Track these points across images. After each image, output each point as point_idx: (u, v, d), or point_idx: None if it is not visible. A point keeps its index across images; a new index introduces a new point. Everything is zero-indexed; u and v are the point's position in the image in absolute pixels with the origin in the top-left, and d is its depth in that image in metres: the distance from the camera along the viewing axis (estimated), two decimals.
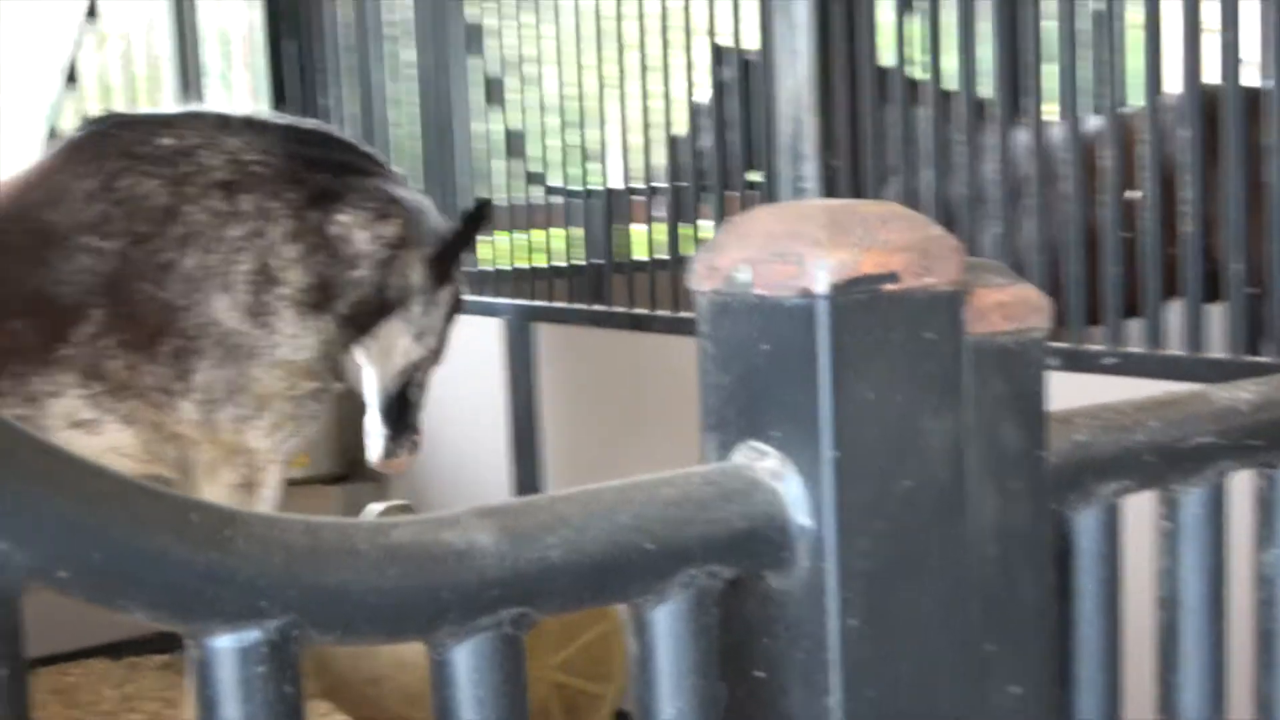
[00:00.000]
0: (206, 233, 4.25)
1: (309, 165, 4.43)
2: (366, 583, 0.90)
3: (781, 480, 1.09)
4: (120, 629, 5.99)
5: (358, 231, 4.42)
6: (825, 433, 1.07)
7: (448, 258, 4.61)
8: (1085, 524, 1.27)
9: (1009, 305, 1.18)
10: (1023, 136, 4.75)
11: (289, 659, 0.89)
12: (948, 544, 1.13)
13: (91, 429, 4.29)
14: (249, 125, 4.45)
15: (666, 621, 1.05)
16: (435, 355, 4.71)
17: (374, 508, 5.01)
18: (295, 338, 4.29)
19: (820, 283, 1.07)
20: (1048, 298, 1.21)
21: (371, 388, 4.76)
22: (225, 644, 0.87)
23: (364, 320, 4.52)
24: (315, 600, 0.89)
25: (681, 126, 5.43)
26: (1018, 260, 4.32)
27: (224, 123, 4.44)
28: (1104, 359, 3.92)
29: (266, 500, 4.38)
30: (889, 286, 1.10)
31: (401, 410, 4.77)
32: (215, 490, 4.33)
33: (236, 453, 4.30)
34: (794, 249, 1.09)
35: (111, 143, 4.37)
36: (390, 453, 4.79)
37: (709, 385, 1.15)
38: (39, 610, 1.01)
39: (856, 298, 1.08)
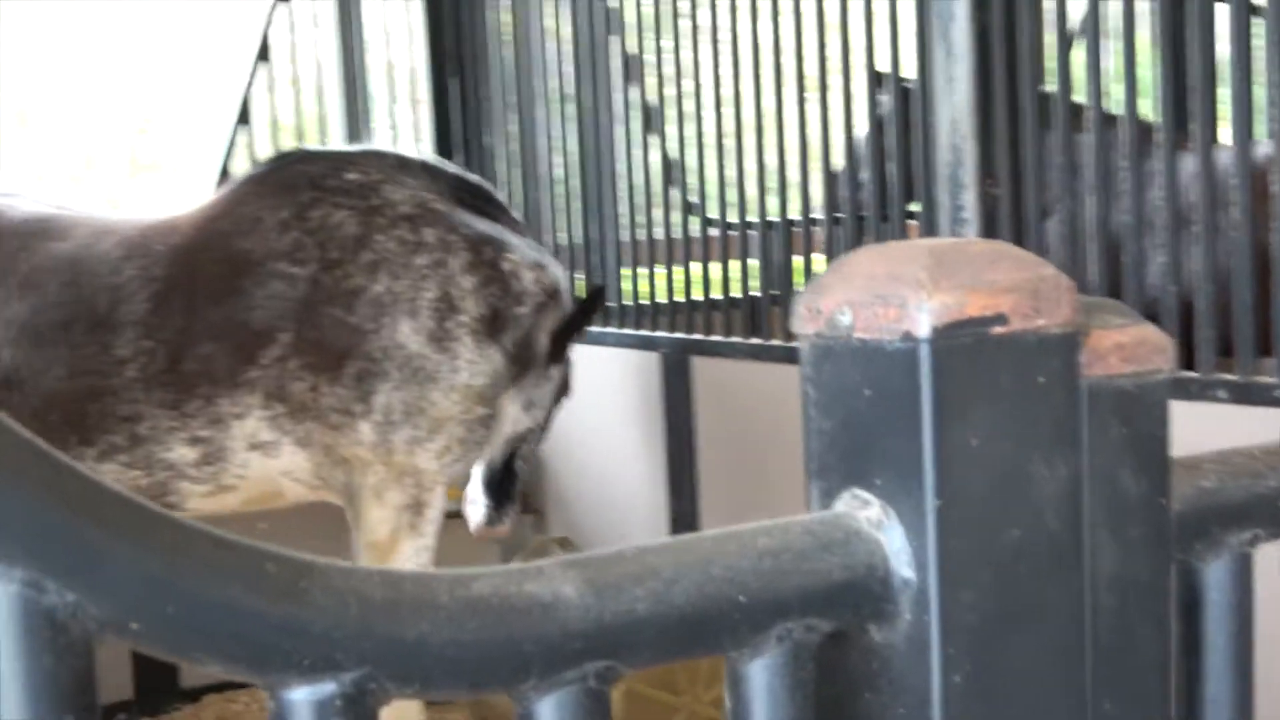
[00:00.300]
0: (395, 260, 4.38)
1: (478, 210, 4.58)
2: (445, 635, 0.89)
3: (883, 530, 1.06)
4: None
5: (525, 271, 4.53)
6: (928, 481, 1.04)
7: (566, 336, 4.71)
8: (1214, 575, 1.22)
9: (1128, 346, 1.14)
10: (1190, 162, 4.62)
11: (365, 712, 0.88)
12: (1060, 596, 1.08)
13: (270, 451, 4.41)
14: (425, 169, 4.61)
15: (762, 675, 1.02)
16: (540, 432, 4.83)
17: (532, 542, 5.07)
18: (473, 363, 4.41)
19: (922, 326, 1.04)
20: (1171, 338, 1.17)
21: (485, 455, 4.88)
22: (300, 696, 0.87)
23: (522, 361, 4.61)
24: (392, 653, 0.88)
25: (840, 157, 5.39)
26: (1185, 289, 4.20)
27: (403, 164, 4.61)
28: (1276, 391, 3.79)
29: (432, 520, 4.47)
30: (997, 329, 1.06)
31: (505, 481, 4.91)
32: (383, 512, 4.42)
33: (406, 474, 4.40)
34: (896, 291, 1.06)
35: (300, 176, 4.54)
36: (492, 521, 4.93)
37: (812, 430, 1.12)
38: None
39: (961, 341, 1.05)
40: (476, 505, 4.96)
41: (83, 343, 4.39)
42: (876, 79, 5.39)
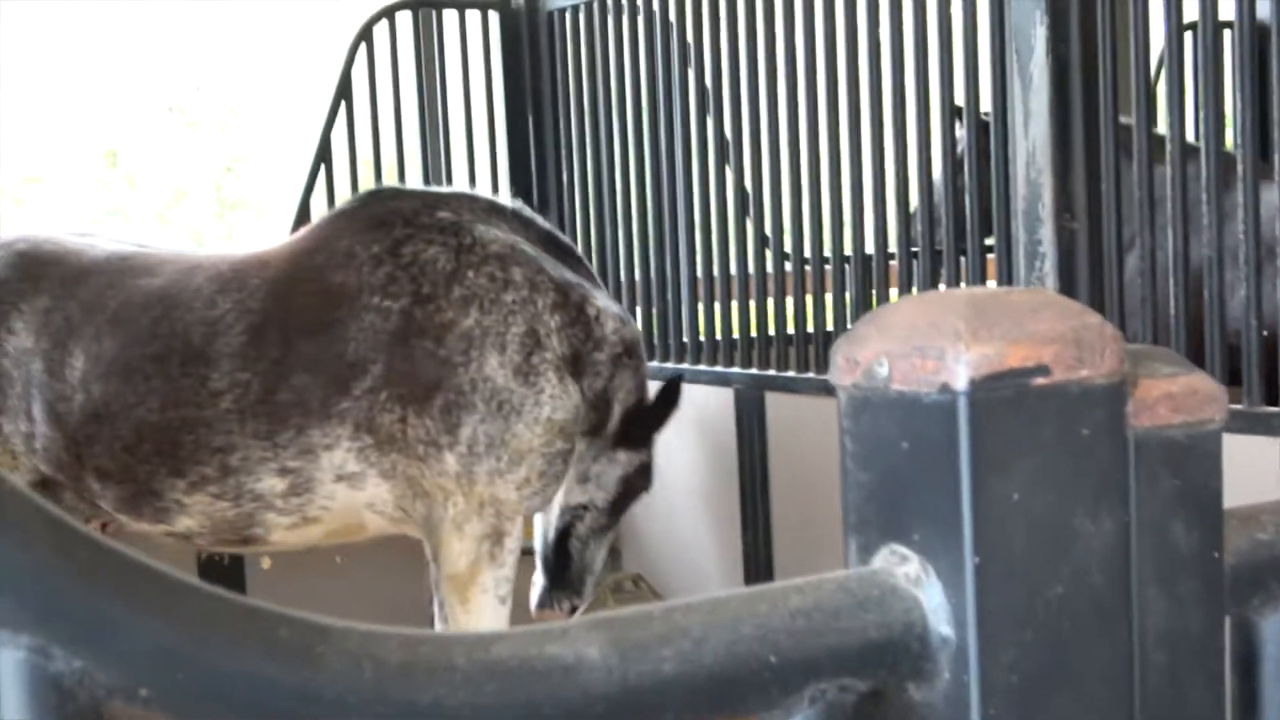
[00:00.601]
0: (485, 295, 4.45)
1: (565, 262, 4.67)
2: (461, 699, 0.88)
3: (922, 587, 1.03)
4: None
5: (608, 320, 4.61)
6: (966, 536, 1.01)
7: (639, 425, 4.77)
8: (1271, 629, 1.18)
9: (1178, 396, 1.10)
10: (1273, 194, 4.54)
11: None
12: (1106, 654, 1.05)
13: (355, 483, 4.47)
14: (515, 216, 4.71)
15: None
16: (598, 513, 4.85)
17: (608, 580, 5.08)
18: (556, 398, 4.47)
19: (960, 378, 1.02)
20: (1222, 387, 1.13)
21: (539, 528, 4.94)
22: None
23: (597, 412, 4.68)
24: (406, 718, 0.86)
25: (916, 191, 5.35)
26: (1268, 323, 4.13)
27: (494, 208, 4.71)
28: None
29: (511, 551, 4.52)
30: (1038, 381, 1.04)
31: (559, 559, 4.92)
32: (465, 544, 4.46)
33: (486, 504, 4.44)
34: (934, 342, 1.04)
35: (393, 213, 4.63)
36: (544, 603, 4.95)
37: (850, 483, 1.10)
38: None
39: (1001, 393, 1.02)
40: (535, 584, 5.01)
41: (178, 375, 4.46)
42: (954, 112, 5.36)
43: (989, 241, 5.07)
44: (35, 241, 4.82)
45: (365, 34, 6.53)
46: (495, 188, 6.63)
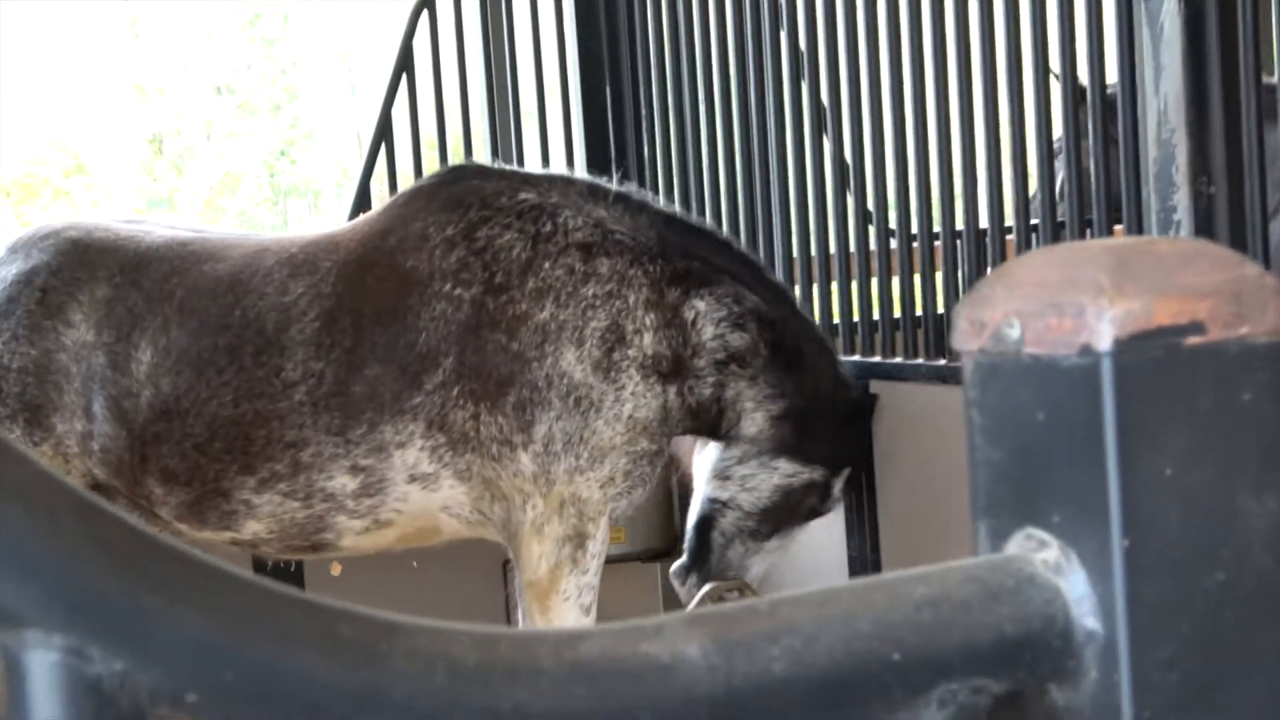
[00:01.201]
0: (562, 289, 4.46)
1: (682, 252, 4.64)
2: (547, 704, 0.85)
3: (1063, 575, 0.99)
4: None
5: (707, 325, 4.61)
6: (1113, 517, 0.97)
7: (812, 438, 4.80)
8: None
9: None
10: None
11: None
12: (1275, 647, 1.01)
13: (429, 484, 4.50)
14: (623, 201, 4.69)
15: None
16: (743, 515, 4.91)
17: (707, 586, 5.07)
18: (640, 396, 4.47)
19: (1103, 338, 0.98)
20: None
21: (692, 507, 5.03)
22: None
23: (698, 421, 4.72)
24: None
25: (1035, 157, 5.28)
26: None
27: (593, 192, 4.69)
28: None
29: (595, 555, 4.53)
30: (1192, 340, 0.99)
31: (699, 545, 4.99)
32: (545, 546, 4.50)
33: (568, 504, 4.46)
34: (1072, 298, 1.00)
35: (471, 192, 4.65)
36: (678, 574, 5.02)
37: (979, 461, 1.06)
38: None
39: (1150, 355, 0.98)
40: (683, 556, 5.09)
41: (252, 366, 4.50)
42: (1074, 74, 5.28)
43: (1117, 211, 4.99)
44: (86, 229, 4.85)
45: (427, 1, 6.53)
46: (570, 166, 6.61)
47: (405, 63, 6.55)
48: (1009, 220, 5.21)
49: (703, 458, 5.05)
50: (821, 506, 5.01)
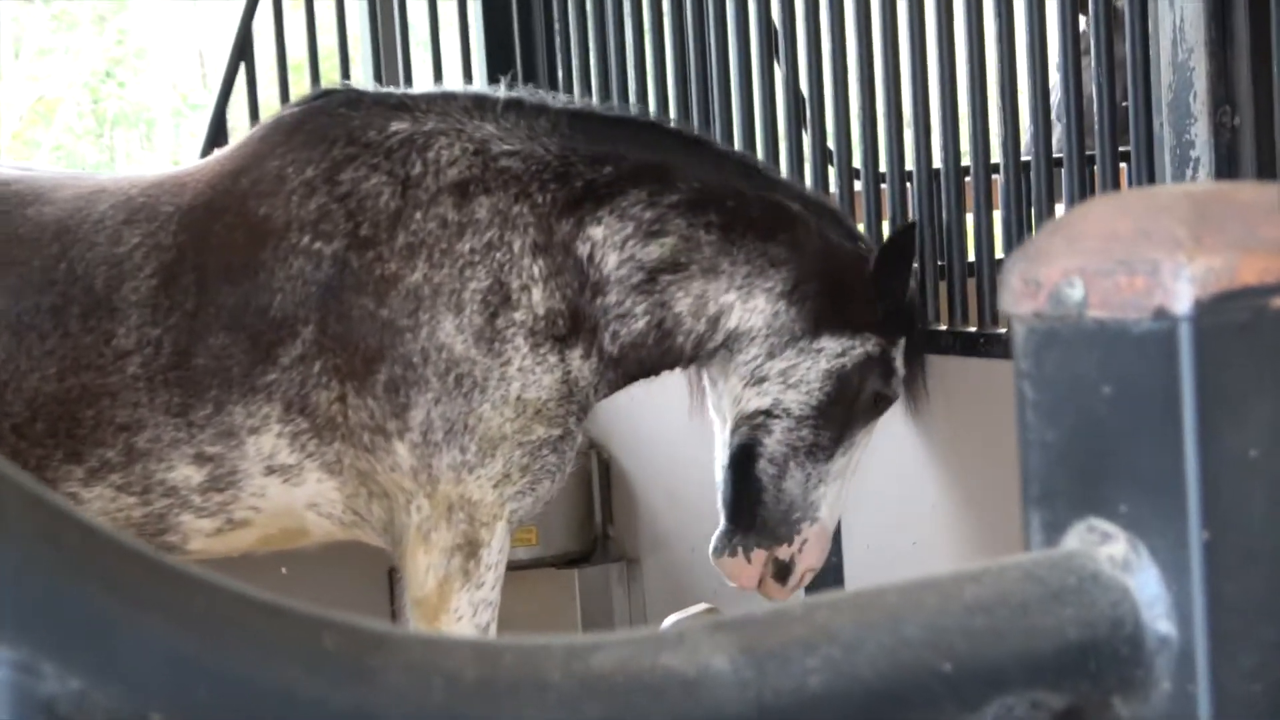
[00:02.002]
0: (435, 245, 4.42)
1: (591, 158, 4.56)
2: None
3: (1132, 572, 1.04)
4: None
5: (609, 252, 4.53)
6: (1191, 506, 1.02)
7: (846, 299, 4.65)
8: None
9: None
10: None
11: None
12: None
13: (291, 477, 4.47)
14: (515, 108, 4.61)
15: None
16: (796, 422, 4.65)
17: (672, 617, 4.99)
18: (528, 372, 4.41)
19: (1182, 299, 1.02)
20: None
21: (716, 450, 4.84)
22: None
23: (644, 363, 4.63)
24: None
25: (1026, 84, 5.34)
26: None
27: (480, 105, 4.61)
28: None
29: (490, 566, 4.51)
30: None
31: (740, 489, 4.73)
32: (431, 557, 4.48)
33: (456, 507, 4.43)
34: (1144, 253, 1.04)
35: (338, 124, 4.59)
36: (719, 549, 4.79)
37: (1032, 443, 1.10)
38: None
39: (1234, 318, 1.03)
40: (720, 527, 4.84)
41: (78, 332, 4.45)
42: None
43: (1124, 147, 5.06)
44: None
45: None
46: (470, 82, 6.61)
47: None
48: (994, 157, 5.27)
49: (709, 381, 4.81)
50: (887, 388, 4.77)
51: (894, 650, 0.98)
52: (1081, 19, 5.49)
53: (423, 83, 6.64)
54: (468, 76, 6.71)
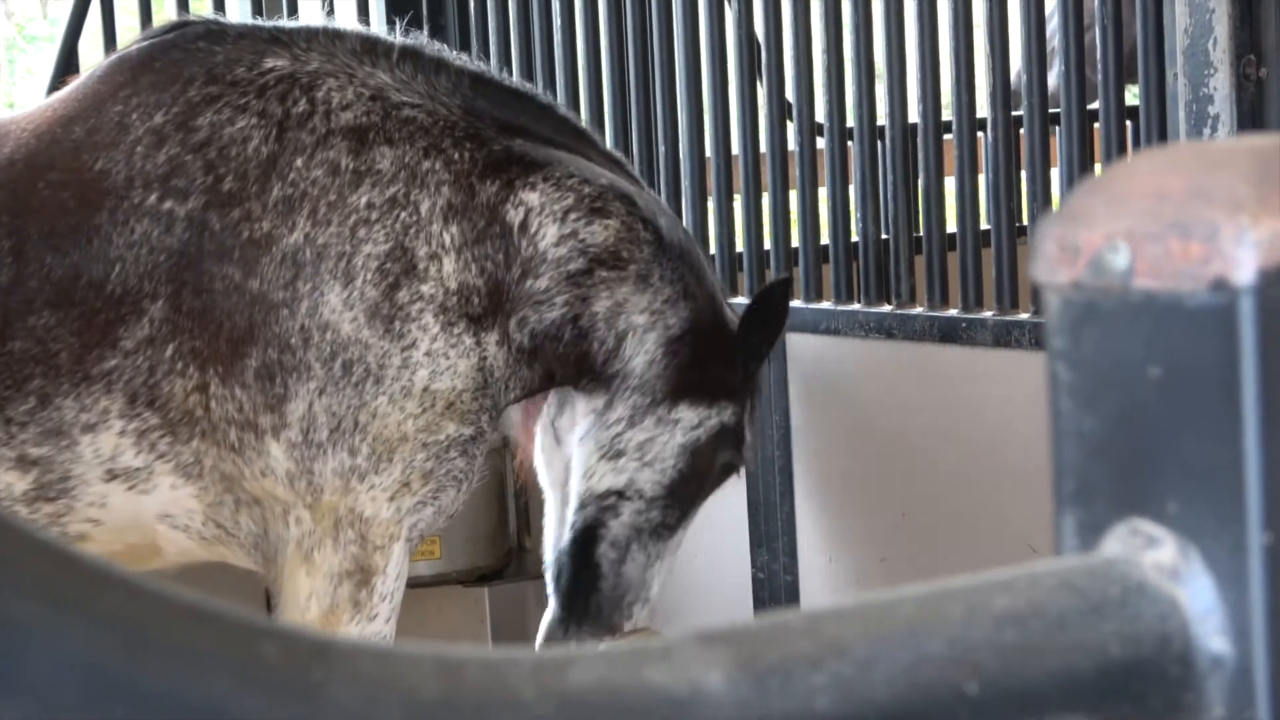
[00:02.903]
0: (321, 197, 4.35)
1: (499, 126, 4.52)
2: None
3: (1182, 582, 1.06)
4: None
5: (547, 224, 4.47)
6: (1251, 505, 1.04)
7: (710, 361, 4.67)
8: None
9: None
10: None
11: None
12: None
13: (137, 483, 4.40)
14: (412, 58, 4.55)
15: None
16: (646, 504, 4.71)
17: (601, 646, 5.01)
18: (437, 357, 4.36)
19: (1244, 268, 1.04)
20: None
21: (548, 519, 4.85)
22: None
23: (562, 361, 4.58)
24: None
25: (1020, 28, 5.38)
26: None
27: (370, 48, 4.55)
28: None
29: (385, 595, 4.45)
30: None
31: (578, 574, 4.77)
32: (315, 582, 4.41)
33: (344, 523, 4.37)
34: (1199, 215, 1.06)
35: (196, 62, 4.51)
36: (553, 639, 4.81)
37: (1067, 432, 1.12)
38: None
39: None
40: (548, 609, 4.90)
41: None
42: None
43: (1132, 101, 5.10)
44: None
45: None
46: (366, 24, 6.61)
47: None
48: (981, 111, 5.30)
49: (550, 439, 4.89)
50: (738, 458, 4.85)
51: (912, 668, 0.99)
52: None
53: (312, 18, 6.61)
54: (364, 13, 6.69)
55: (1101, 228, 1.09)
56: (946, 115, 5.41)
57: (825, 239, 5.74)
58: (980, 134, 5.32)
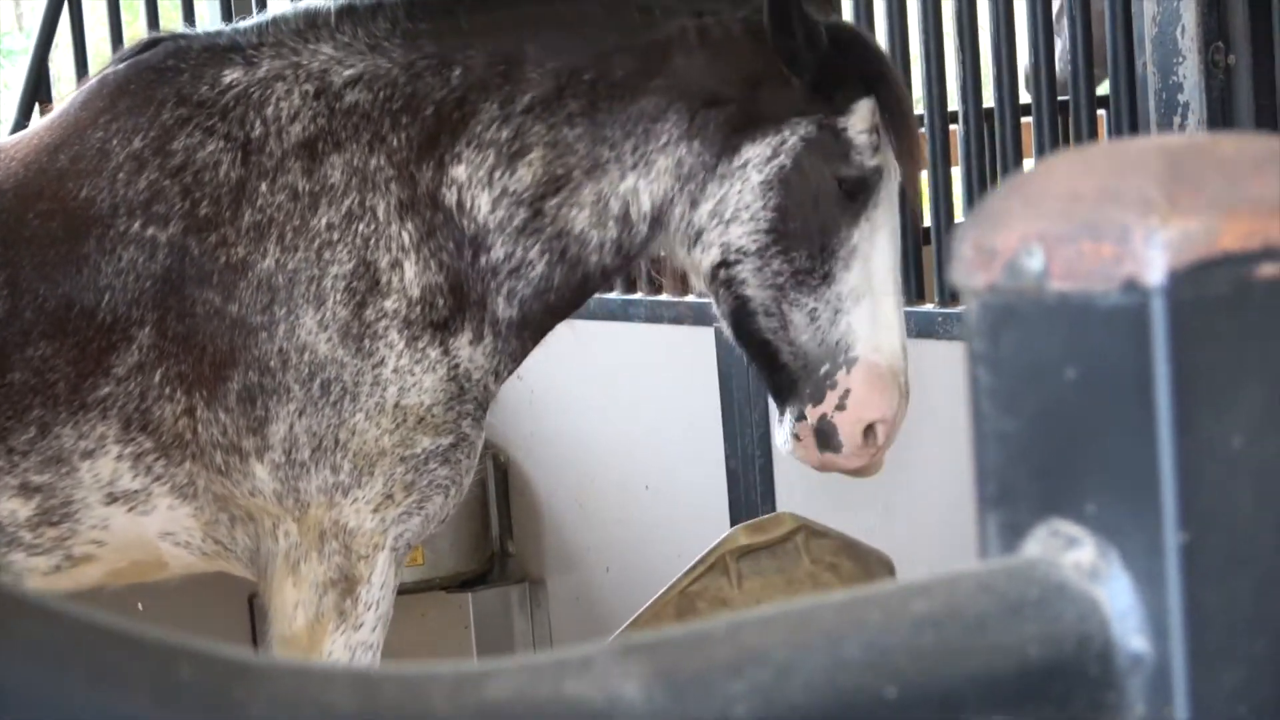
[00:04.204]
0: (286, 222, 4.33)
1: (440, 66, 4.44)
2: None
3: (1102, 582, 1.07)
4: None
5: (479, 194, 4.43)
6: (1167, 504, 1.05)
7: (739, 103, 4.35)
8: None
9: None
10: None
11: None
12: None
13: (137, 504, 4.40)
14: (349, 15, 4.46)
15: None
16: (762, 255, 4.36)
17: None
18: (405, 373, 4.34)
19: (1154, 268, 1.05)
20: None
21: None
22: None
23: (557, 309, 4.51)
24: None
25: (988, 18, 5.39)
26: None
27: (311, 23, 4.48)
28: None
29: (371, 605, 4.44)
30: (1268, 269, 1.07)
31: (755, 361, 4.49)
32: (301, 592, 4.41)
33: (329, 535, 4.37)
34: (1112, 216, 1.07)
35: (167, 82, 4.49)
36: (784, 442, 4.53)
37: (987, 434, 1.13)
38: None
39: (1215, 290, 1.06)
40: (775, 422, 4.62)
41: None
42: None
43: (1101, 90, 5.11)
44: None
45: None
46: None
47: None
48: (952, 104, 5.31)
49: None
50: (850, 167, 4.44)
51: (831, 673, 1.00)
52: None
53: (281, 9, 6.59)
54: None
55: (1017, 230, 1.10)
56: (919, 108, 5.41)
57: None
58: (953, 126, 5.33)
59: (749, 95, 4.42)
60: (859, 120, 4.43)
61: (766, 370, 4.51)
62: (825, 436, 4.41)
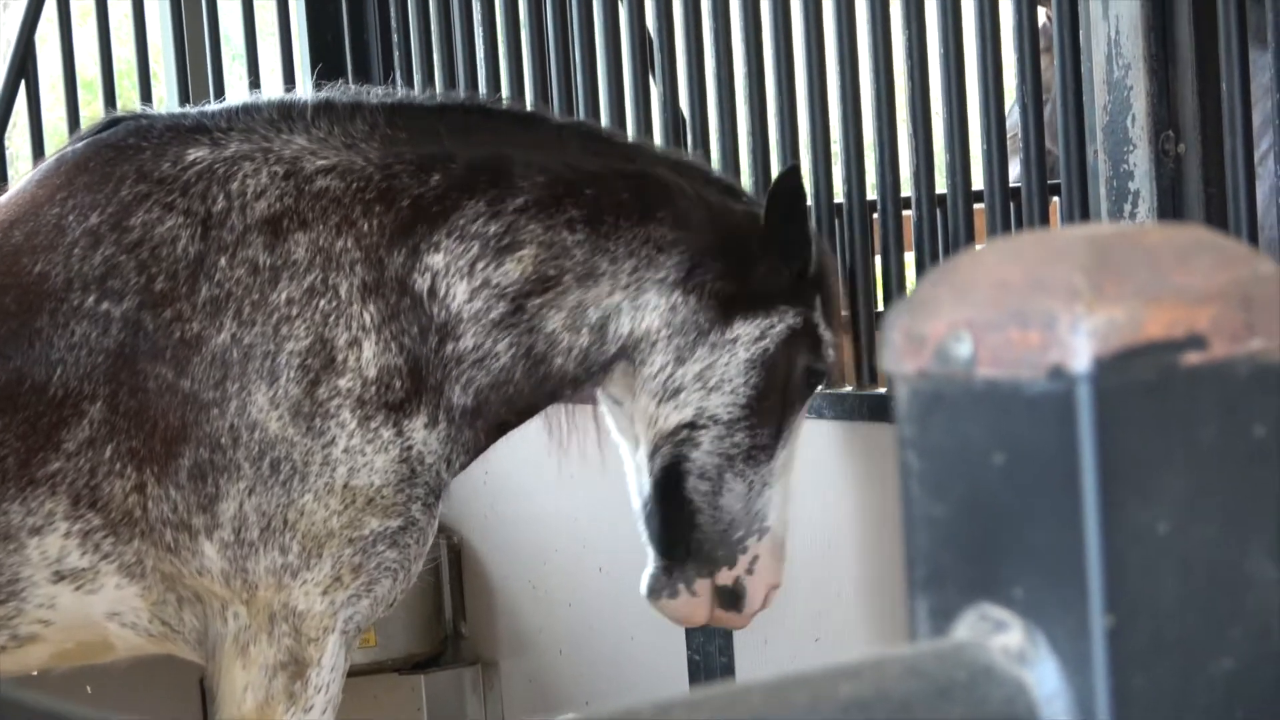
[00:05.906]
0: (245, 297, 4.32)
1: (419, 168, 4.47)
2: None
3: (1029, 665, 1.08)
4: None
5: (456, 283, 4.44)
6: (1093, 589, 1.06)
7: (751, 271, 4.46)
8: None
9: None
10: None
11: None
12: None
13: (84, 583, 4.37)
14: (326, 112, 4.50)
15: None
16: (725, 428, 4.47)
17: None
18: (355, 453, 4.32)
19: (1079, 356, 1.06)
20: None
21: (631, 478, 4.69)
22: None
23: (514, 404, 4.53)
24: None
25: (941, 105, 5.42)
26: None
27: (286, 114, 4.50)
28: None
29: (321, 688, 4.42)
30: (1191, 357, 1.09)
31: (669, 516, 4.58)
32: (250, 675, 4.38)
33: (279, 618, 4.34)
34: (1038, 304, 1.08)
35: (126, 159, 4.49)
36: (655, 589, 4.63)
37: (917, 519, 1.14)
38: None
39: (1138, 377, 1.07)
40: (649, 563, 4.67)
41: None
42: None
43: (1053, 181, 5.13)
44: None
45: None
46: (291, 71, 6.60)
47: None
48: (905, 190, 5.34)
49: (610, 403, 4.73)
50: (819, 360, 4.66)
51: None
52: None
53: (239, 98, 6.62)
54: (290, 87, 6.69)
55: (946, 317, 1.11)
56: (872, 194, 5.43)
57: None
58: (906, 212, 5.35)
59: (745, 272, 4.56)
60: (820, 315, 4.66)
61: (674, 528, 4.62)
62: (734, 598, 4.62)
